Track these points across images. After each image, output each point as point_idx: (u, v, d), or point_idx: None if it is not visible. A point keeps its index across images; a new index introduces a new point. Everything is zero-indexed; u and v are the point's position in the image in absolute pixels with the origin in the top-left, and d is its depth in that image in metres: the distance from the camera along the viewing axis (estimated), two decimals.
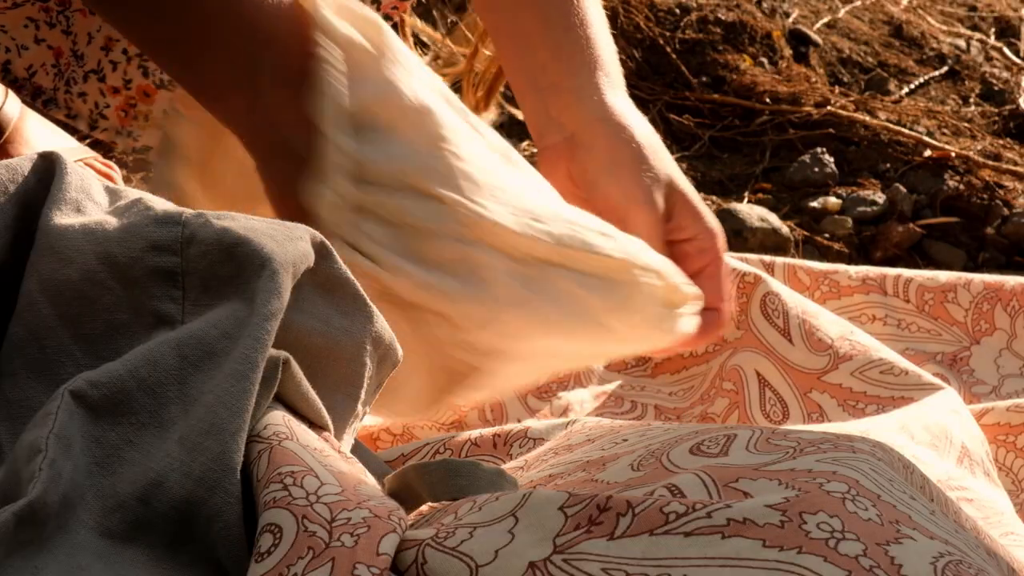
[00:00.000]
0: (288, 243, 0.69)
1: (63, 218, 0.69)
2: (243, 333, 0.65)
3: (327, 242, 0.71)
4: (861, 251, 1.84)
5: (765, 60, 2.24)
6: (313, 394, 0.69)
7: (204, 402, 0.63)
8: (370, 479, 0.69)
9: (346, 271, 0.72)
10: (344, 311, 0.72)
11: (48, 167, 0.72)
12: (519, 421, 1.13)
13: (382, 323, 0.74)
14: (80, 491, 0.60)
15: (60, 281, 0.68)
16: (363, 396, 0.74)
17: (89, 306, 0.67)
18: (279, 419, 0.65)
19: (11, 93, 1.33)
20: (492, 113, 1.24)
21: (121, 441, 0.62)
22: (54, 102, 1.18)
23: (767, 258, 1.43)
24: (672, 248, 1.07)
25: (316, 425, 0.70)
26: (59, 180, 0.71)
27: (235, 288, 0.67)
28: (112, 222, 0.70)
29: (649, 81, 2.16)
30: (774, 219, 1.78)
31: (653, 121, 2.12)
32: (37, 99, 1.18)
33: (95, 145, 1.45)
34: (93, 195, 0.73)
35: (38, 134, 1.36)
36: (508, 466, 0.82)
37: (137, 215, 0.70)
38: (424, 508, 0.69)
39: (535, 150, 1.99)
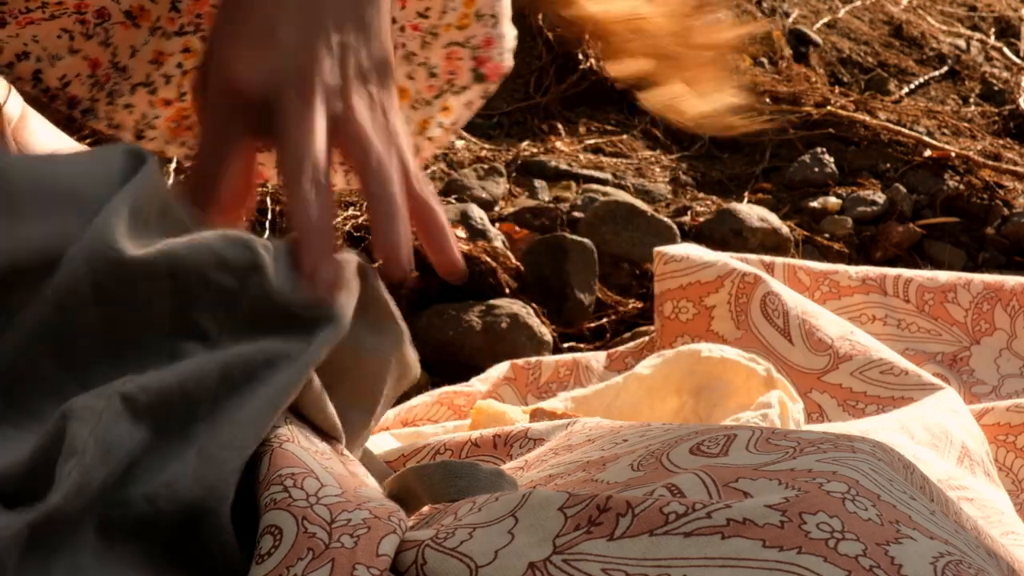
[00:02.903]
0: (350, 295, 0.69)
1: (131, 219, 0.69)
2: (287, 365, 0.65)
3: (367, 265, 0.72)
4: (861, 251, 1.84)
5: (765, 60, 2.24)
6: (331, 408, 0.69)
7: (233, 419, 0.63)
8: (371, 481, 0.69)
9: (382, 289, 0.73)
10: (375, 329, 0.72)
11: (135, 163, 0.71)
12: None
13: (408, 342, 0.74)
14: (98, 492, 0.60)
15: (114, 267, 0.67)
16: (378, 411, 0.75)
17: (134, 296, 0.67)
18: (280, 421, 0.66)
19: (13, 90, 1.33)
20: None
21: (147, 447, 0.62)
22: (93, 112, 1.18)
23: (767, 258, 1.43)
24: None
25: (328, 436, 0.70)
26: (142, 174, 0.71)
27: (291, 327, 0.67)
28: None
29: None
30: (774, 219, 1.78)
31: (653, 121, 2.13)
32: (74, 108, 1.18)
33: (96, 145, 1.45)
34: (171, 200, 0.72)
35: (40, 134, 1.36)
36: (508, 466, 0.82)
37: (209, 230, 0.70)
38: (424, 509, 0.69)
39: (535, 149, 1.99)
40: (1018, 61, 2.47)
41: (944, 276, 1.42)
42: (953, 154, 2.00)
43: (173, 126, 1.13)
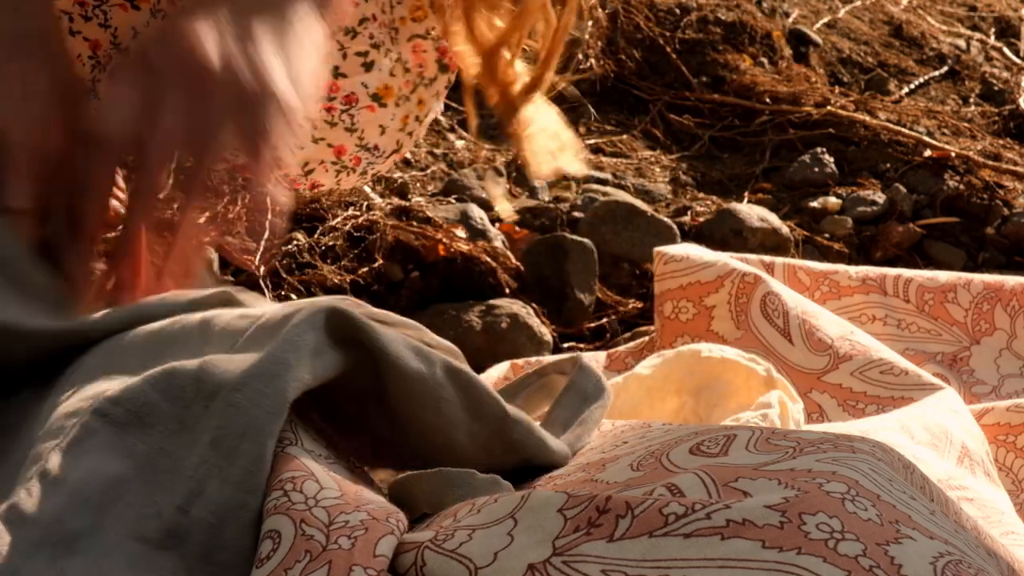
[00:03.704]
0: None
1: None
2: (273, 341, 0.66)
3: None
4: (861, 251, 1.84)
5: (765, 60, 2.24)
6: None
7: (234, 402, 0.63)
8: (375, 496, 0.69)
9: None
10: None
11: None
12: None
13: None
14: (111, 497, 0.60)
15: None
16: None
17: None
18: (285, 424, 0.66)
19: None
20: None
21: (152, 451, 0.62)
22: (94, 92, 1.18)
23: (767, 258, 1.43)
24: None
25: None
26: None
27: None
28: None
29: (649, 81, 2.16)
30: (774, 219, 1.77)
31: (653, 121, 2.13)
32: None
33: None
34: None
35: None
36: None
37: None
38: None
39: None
40: (1018, 61, 2.47)
41: (944, 276, 1.42)
42: (953, 154, 2.00)
43: None
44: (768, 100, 2.12)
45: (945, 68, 2.39)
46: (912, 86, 2.31)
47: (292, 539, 0.58)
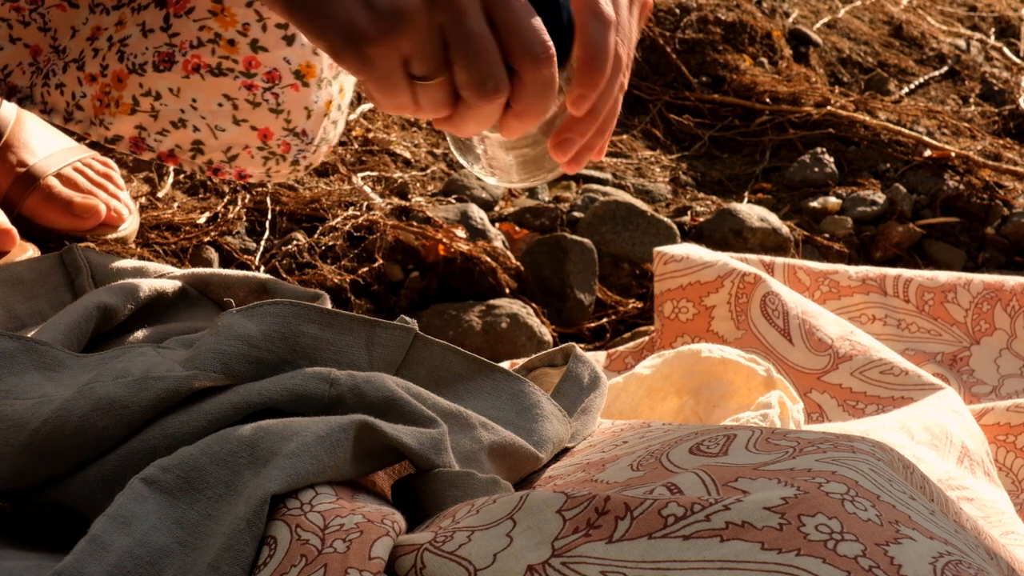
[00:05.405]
0: None
1: None
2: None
3: None
4: (861, 251, 1.84)
5: (765, 60, 2.24)
6: None
7: (279, 464, 0.63)
8: (373, 503, 0.69)
9: None
10: None
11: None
12: None
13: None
14: (156, 568, 0.61)
15: None
16: None
17: None
18: None
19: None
20: None
21: (201, 517, 0.63)
22: (30, 99, 1.15)
23: (767, 258, 1.43)
24: None
25: None
26: None
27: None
28: None
29: (649, 81, 2.16)
30: (774, 219, 1.77)
31: (653, 121, 2.13)
32: (12, 97, 1.15)
33: (93, 145, 1.45)
34: None
35: (37, 136, 1.36)
36: None
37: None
38: None
39: None
40: (1018, 61, 2.47)
41: (944, 276, 1.42)
42: (953, 154, 2.00)
43: (96, 104, 1.09)
44: (768, 100, 2.12)
45: (945, 68, 2.39)
46: (912, 86, 2.31)
47: (288, 544, 0.58)
